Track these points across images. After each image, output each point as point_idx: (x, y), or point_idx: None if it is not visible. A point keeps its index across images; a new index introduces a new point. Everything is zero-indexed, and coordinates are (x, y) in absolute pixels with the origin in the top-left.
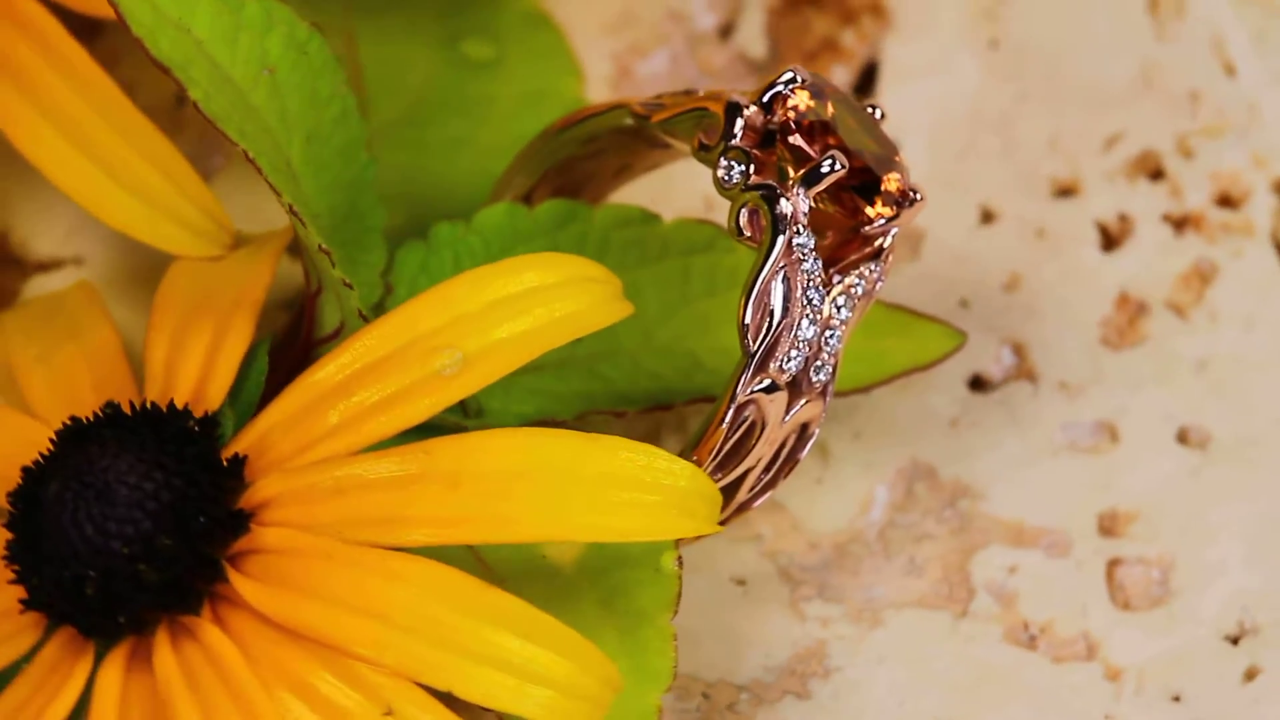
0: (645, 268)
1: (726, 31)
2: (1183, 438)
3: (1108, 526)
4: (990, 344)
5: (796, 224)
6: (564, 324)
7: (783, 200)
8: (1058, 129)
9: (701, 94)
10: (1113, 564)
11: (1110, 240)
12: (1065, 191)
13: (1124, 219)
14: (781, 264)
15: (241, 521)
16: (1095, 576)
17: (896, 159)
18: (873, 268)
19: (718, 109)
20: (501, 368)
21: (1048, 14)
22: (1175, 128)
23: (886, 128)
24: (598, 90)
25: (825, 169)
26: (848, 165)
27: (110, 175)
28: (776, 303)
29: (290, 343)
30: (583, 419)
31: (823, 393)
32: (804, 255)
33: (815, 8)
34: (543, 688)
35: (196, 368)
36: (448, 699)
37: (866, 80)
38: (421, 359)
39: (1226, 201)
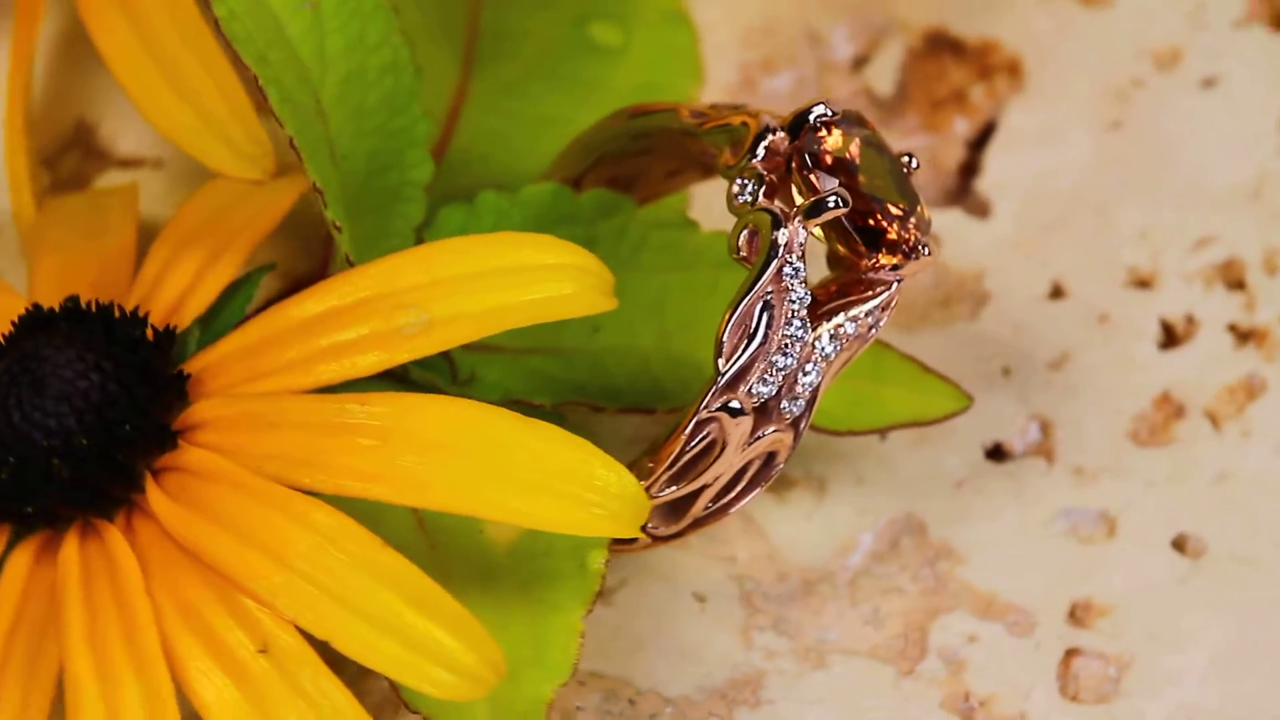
0: (676, 273)
1: (860, 63)
2: (1179, 544)
3: (1078, 616)
4: (1019, 416)
5: (791, 253)
6: (540, 305)
7: (783, 227)
8: (1153, 221)
9: (744, 110)
10: (1071, 653)
11: (1171, 339)
12: (1141, 283)
13: (1190, 320)
14: (768, 290)
15: (168, 438)
16: (1050, 661)
17: (916, 210)
18: (869, 312)
19: (752, 127)
20: (464, 336)
21: (1178, 106)
22: (1268, 242)
23: (986, 184)
24: (714, 97)
25: (829, 204)
26: (850, 204)
27: (169, 81)
28: (755, 327)
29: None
30: (561, 405)
31: (794, 425)
32: (793, 285)
33: (955, 57)
34: (423, 657)
35: (182, 285)
36: (325, 649)
37: (982, 137)
38: (387, 313)
39: None
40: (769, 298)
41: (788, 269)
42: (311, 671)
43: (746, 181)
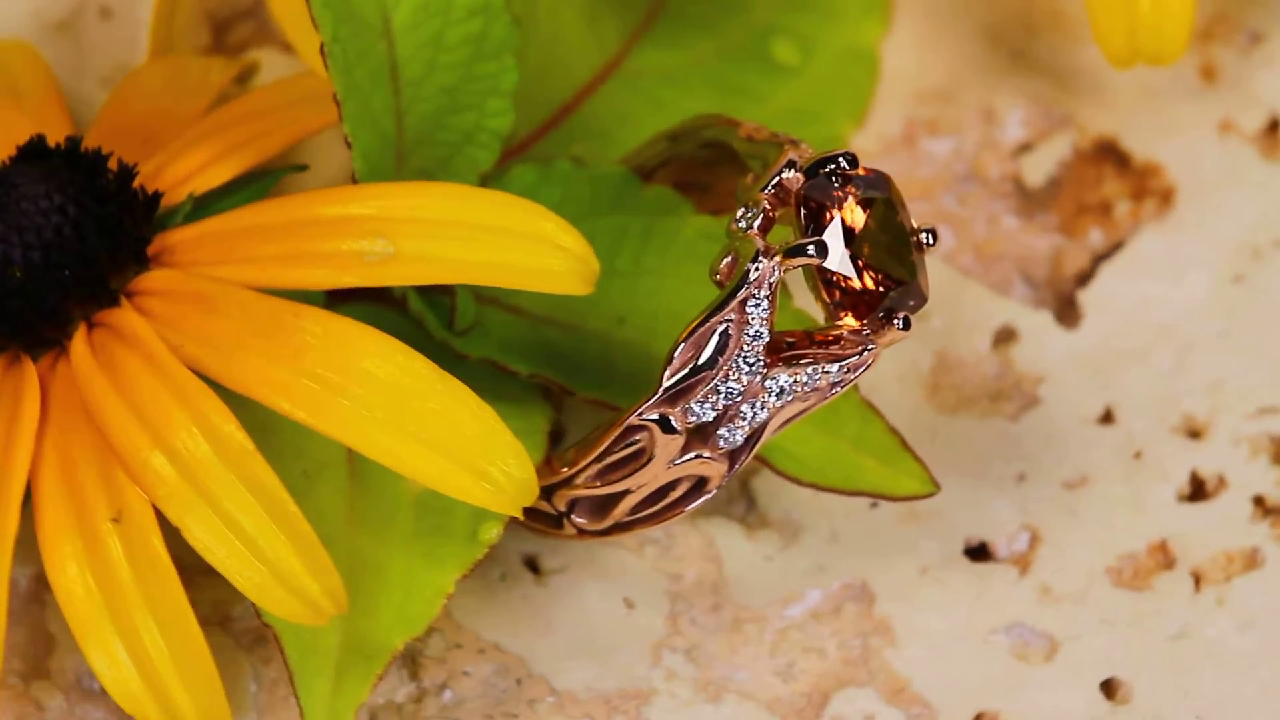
0: (714, 289)
1: (1022, 149)
2: (1109, 687)
3: None
4: (1014, 523)
5: (760, 288)
6: (512, 271)
7: (758, 260)
8: (1229, 378)
9: (786, 142)
10: None
11: (1196, 493)
12: (1192, 433)
13: (1221, 480)
14: (729, 317)
15: (107, 294)
16: None
17: (907, 283)
18: (835, 370)
19: (779, 159)
20: (421, 277)
21: None
22: None
23: (1088, 295)
24: (864, 143)
25: (807, 251)
26: (825, 257)
27: None
28: (707, 351)
29: None
30: (533, 376)
31: (730, 457)
32: (753, 320)
33: (1117, 169)
34: (268, 571)
35: (199, 162)
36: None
37: (1106, 253)
38: (356, 235)
39: None
40: (728, 325)
41: (752, 302)
42: (151, 553)
43: (749, 209)
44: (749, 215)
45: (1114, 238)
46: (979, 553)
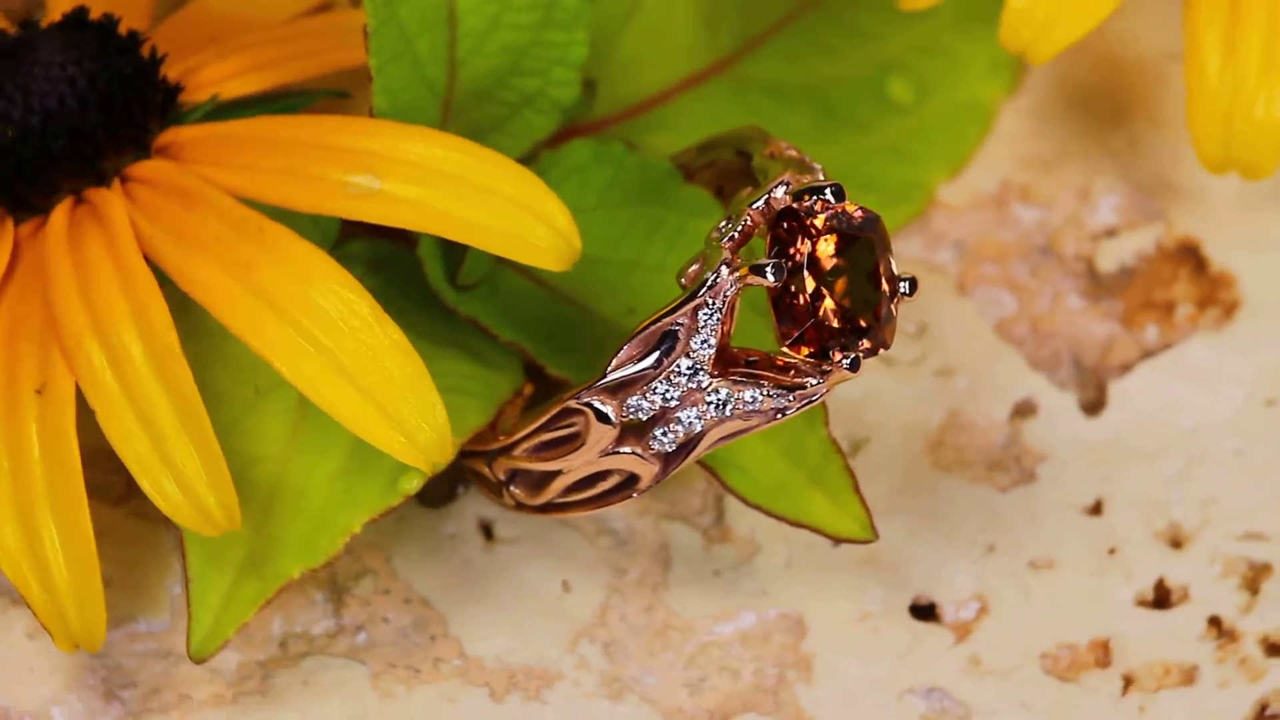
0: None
1: (1106, 234)
2: None
3: None
4: (968, 590)
5: (715, 298)
6: (489, 233)
7: (721, 271)
8: (1227, 496)
9: (796, 164)
10: None
11: (1157, 600)
12: (1173, 541)
13: (1185, 594)
14: (680, 321)
15: (93, 166)
16: None
17: (869, 329)
18: (780, 397)
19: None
20: (397, 219)
21: None
22: None
23: (1119, 387)
24: (953, 194)
25: (765, 272)
26: (780, 280)
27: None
28: (653, 350)
29: None
30: (511, 344)
31: (663, 460)
32: (704, 328)
33: (1192, 273)
34: (167, 471)
35: (238, 68)
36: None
37: (1155, 352)
38: (349, 166)
39: (1271, 648)
40: (678, 329)
41: (705, 310)
42: (63, 431)
43: (731, 221)
44: (728, 226)
45: (1167, 339)
46: (925, 612)
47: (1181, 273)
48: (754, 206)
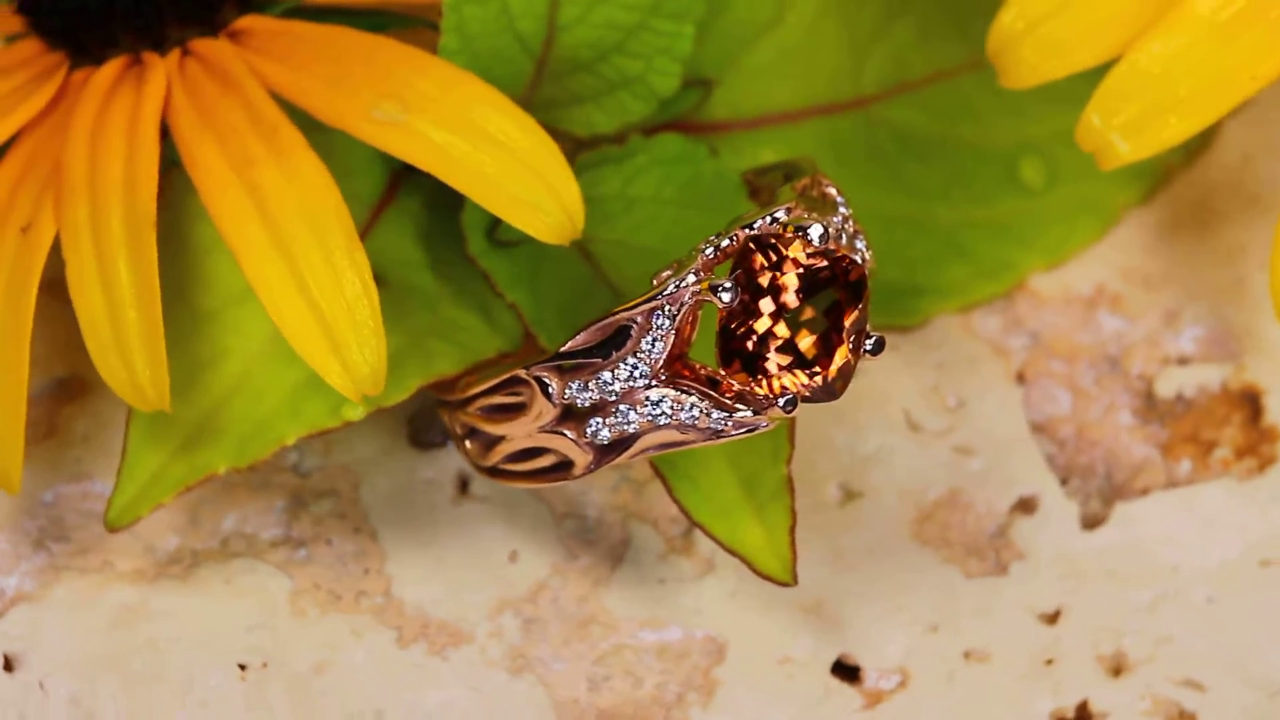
0: None
1: (1178, 362)
2: None
3: None
4: (895, 663)
5: (671, 305)
6: (497, 192)
7: (685, 279)
8: (1181, 638)
9: (814, 193)
10: None
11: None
12: (1113, 669)
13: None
14: (635, 319)
15: (151, 28)
16: None
17: (817, 379)
18: (717, 418)
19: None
20: (414, 156)
21: None
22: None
23: (1124, 511)
24: (1045, 284)
25: (720, 293)
26: (732, 304)
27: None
28: (605, 338)
29: None
30: (512, 306)
31: (598, 451)
32: (655, 330)
33: (1246, 419)
34: (111, 333)
35: None
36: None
37: (1172, 485)
38: (383, 91)
39: None
40: (633, 326)
41: (659, 313)
42: (26, 274)
43: (720, 235)
44: (714, 240)
45: (1195, 476)
46: (847, 671)
47: (1235, 417)
48: (747, 229)
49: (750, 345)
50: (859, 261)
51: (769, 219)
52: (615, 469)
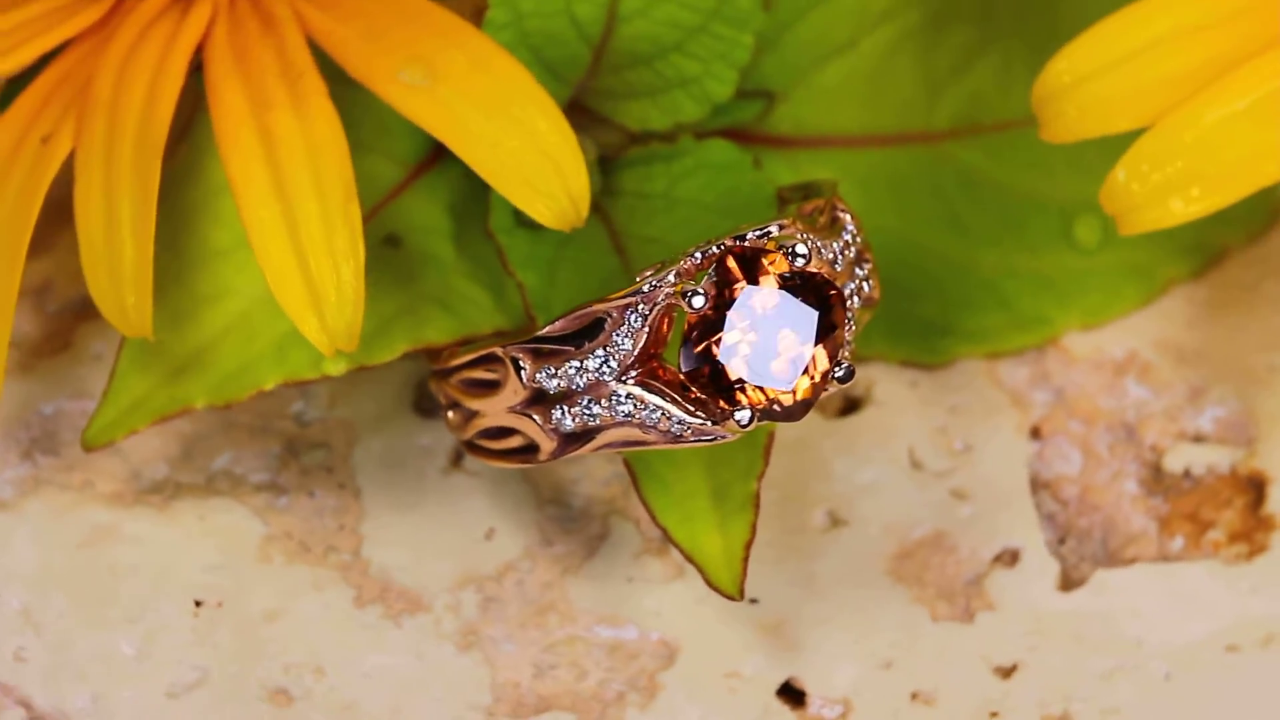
0: None
1: (1192, 439)
2: None
3: None
4: (842, 693)
5: (645, 304)
6: (507, 172)
7: (664, 278)
8: (1132, 712)
9: (823, 214)
10: None
11: None
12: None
13: None
14: (610, 312)
15: None
16: None
17: (779, 399)
18: (679, 421)
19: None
20: (432, 124)
21: None
22: None
23: (1103, 580)
24: (1078, 343)
25: (691, 299)
26: (699, 312)
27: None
28: (580, 330)
29: None
30: (519, 287)
31: (560, 439)
32: (628, 325)
33: (1247, 505)
34: (105, 256)
35: None
36: None
37: (1161, 559)
38: (414, 55)
39: None
40: (607, 320)
41: (633, 310)
42: (35, 186)
43: (710, 242)
44: (704, 245)
45: (1185, 554)
46: (793, 695)
47: (1237, 501)
48: (734, 238)
49: (705, 355)
50: (847, 289)
51: (759, 232)
52: (611, 464)
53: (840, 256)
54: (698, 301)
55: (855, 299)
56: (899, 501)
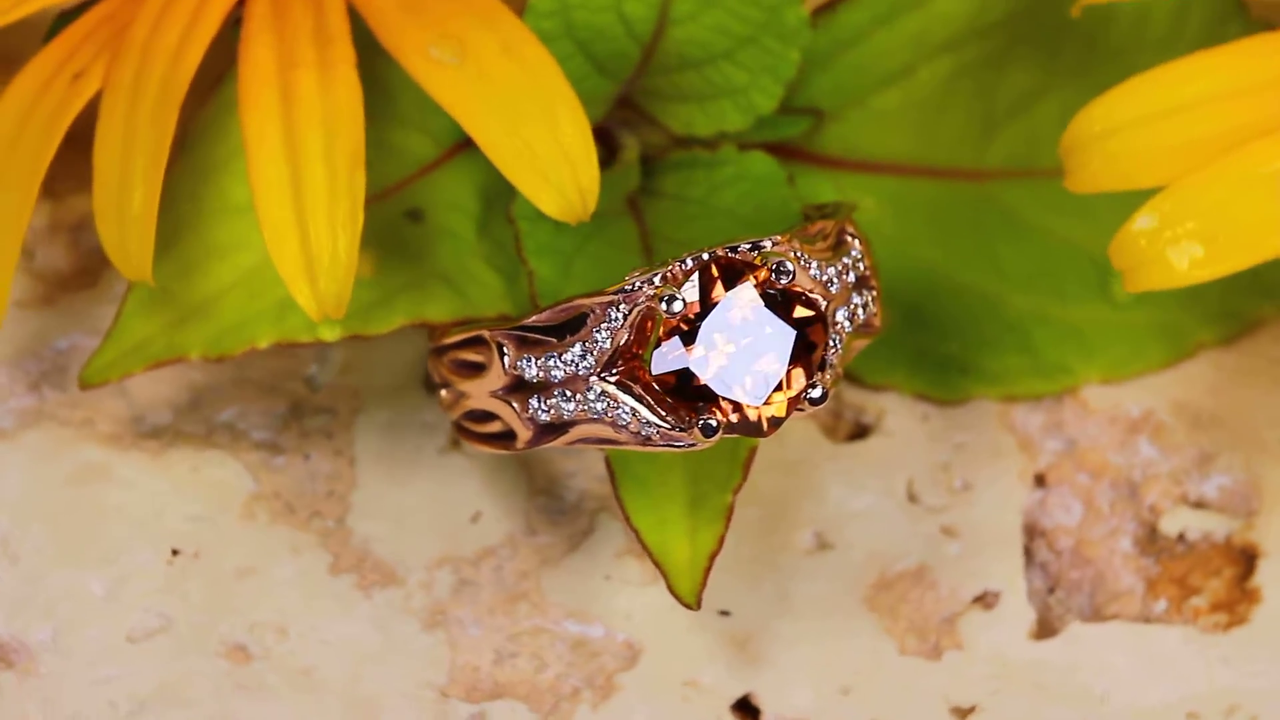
0: None
1: (1193, 504)
2: None
3: None
4: (795, 714)
5: (626, 303)
6: (519, 161)
7: (653, 280)
8: None
9: (823, 234)
10: None
11: None
12: None
13: None
14: (593, 308)
15: None
16: None
17: (742, 411)
18: (647, 423)
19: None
20: (452, 104)
21: None
22: None
23: (1069, 639)
24: (1095, 396)
25: (671, 303)
26: (674, 317)
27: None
28: (563, 323)
29: None
30: (529, 275)
31: (535, 429)
32: (606, 325)
33: (1234, 575)
34: (114, 200)
35: None
36: None
37: (1140, 619)
38: (448, 32)
39: None
40: (589, 314)
41: (615, 307)
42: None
43: (699, 251)
44: (695, 252)
45: (1166, 617)
46: (748, 710)
47: (1226, 572)
48: (726, 248)
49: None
50: (840, 313)
51: (751, 245)
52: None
53: (838, 279)
54: (676, 306)
55: (846, 323)
56: (888, 532)
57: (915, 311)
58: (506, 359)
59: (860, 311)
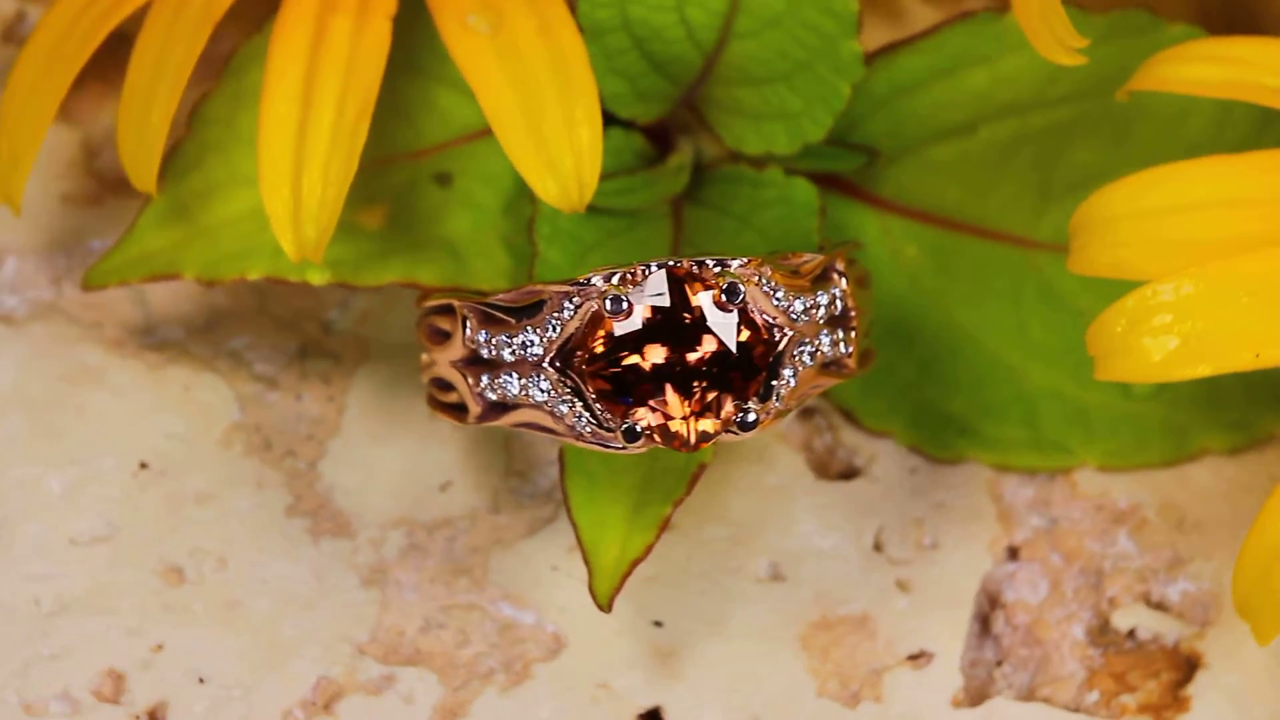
0: None
1: (1153, 605)
2: None
3: None
4: None
5: (579, 297)
6: (528, 142)
7: (610, 280)
8: None
9: (815, 261)
10: None
11: None
12: None
13: None
14: (550, 296)
15: None
16: None
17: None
18: (588, 422)
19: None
20: (479, 73)
21: None
22: None
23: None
24: (1089, 483)
25: (607, 303)
26: (614, 317)
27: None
28: (522, 306)
29: None
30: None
31: (484, 405)
32: (559, 314)
33: (1175, 682)
34: (132, 119)
35: None
36: None
37: (1070, 709)
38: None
39: None
40: (550, 299)
41: (566, 301)
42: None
43: (667, 259)
44: (663, 260)
45: (1093, 710)
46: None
47: (1165, 676)
48: (694, 261)
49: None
50: (803, 348)
51: (716, 262)
52: None
53: (806, 314)
54: (617, 307)
55: (808, 358)
56: (843, 575)
57: (930, 365)
58: (468, 331)
59: (828, 349)
